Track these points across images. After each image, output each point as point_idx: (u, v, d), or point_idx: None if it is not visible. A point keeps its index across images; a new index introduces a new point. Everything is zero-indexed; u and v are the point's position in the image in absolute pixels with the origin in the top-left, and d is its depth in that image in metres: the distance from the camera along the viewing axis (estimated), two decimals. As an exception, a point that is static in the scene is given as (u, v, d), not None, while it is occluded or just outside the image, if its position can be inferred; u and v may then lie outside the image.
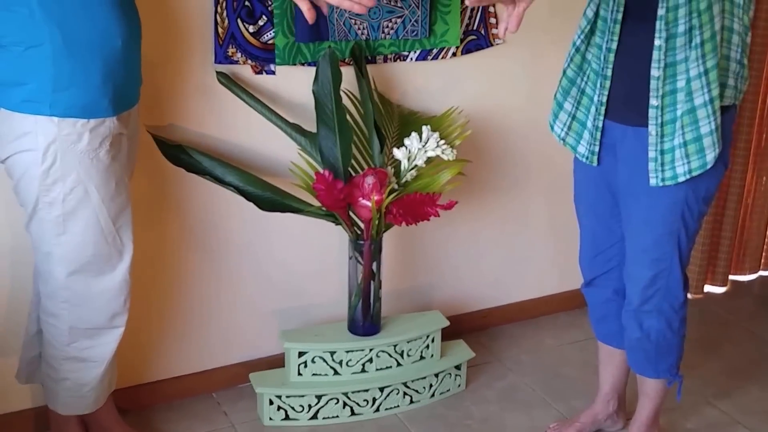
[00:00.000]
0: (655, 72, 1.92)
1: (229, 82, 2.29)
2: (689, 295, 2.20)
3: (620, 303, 2.22)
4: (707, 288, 3.26)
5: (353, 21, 2.37)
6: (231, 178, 2.27)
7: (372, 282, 2.42)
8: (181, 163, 2.25)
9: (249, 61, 2.31)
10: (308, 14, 1.87)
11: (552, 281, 3.02)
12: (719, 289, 3.30)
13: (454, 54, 2.58)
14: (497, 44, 2.64)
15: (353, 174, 2.34)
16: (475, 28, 2.59)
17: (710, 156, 1.94)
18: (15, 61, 1.76)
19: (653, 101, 1.94)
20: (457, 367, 2.60)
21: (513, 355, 2.83)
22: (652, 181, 1.98)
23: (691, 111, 1.92)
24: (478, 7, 2.55)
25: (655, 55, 1.91)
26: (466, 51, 2.60)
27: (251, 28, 2.27)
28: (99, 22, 1.79)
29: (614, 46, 1.98)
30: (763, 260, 3.42)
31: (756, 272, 3.42)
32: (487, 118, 2.70)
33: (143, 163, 2.17)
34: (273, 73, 2.35)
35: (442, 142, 2.33)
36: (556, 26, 2.59)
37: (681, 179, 1.96)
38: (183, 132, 2.30)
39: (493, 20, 2.61)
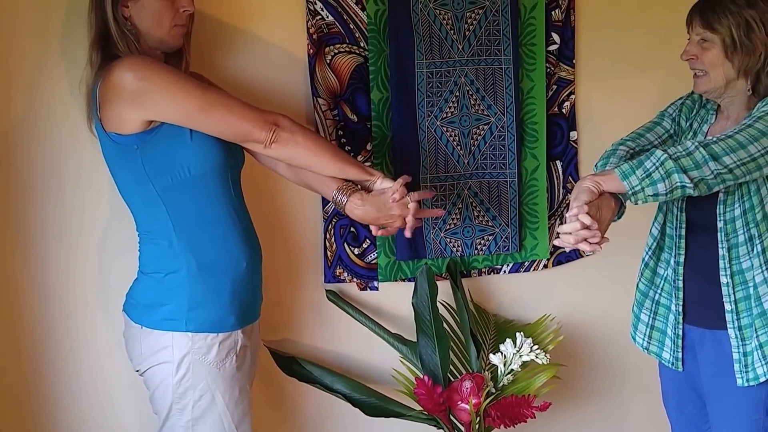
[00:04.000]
0: (723, 279, 2.06)
1: (337, 298, 2.55)
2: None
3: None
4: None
5: (448, 240, 2.63)
6: (339, 386, 2.47)
7: (476, 485, 2.51)
8: (293, 373, 2.48)
9: (355, 279, 2.58)
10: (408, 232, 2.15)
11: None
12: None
13: (545, 266, 2.78)
14: (587, 255, 2.82)
15: (452, 379, 2.51)
16: (563, 241, 2.80)
17: None
18: (156, 286, 2.03)
19: (727, 306, 2.06)
20: None
21: None
22: (739, 382, 2.07)
23: (761, 314, 2.03)
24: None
25: (721, 263, 2.06)
26: (557, 263, 2.80)
27: (356, 251, 2.56)
28: (227, 248, 2.05)
29: (682, 259, 2.14)
30: None
31: None
32: (580, 324, 2.84)
33: (259, 372, 2.39)
34: (376, 289, 2.61)
35: (536, 347, 2.48)
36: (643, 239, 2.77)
37: (762, 379, 2.04)
38: (296, 345, 2.55)
39: (580, 233, 2.81)
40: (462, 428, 2.48)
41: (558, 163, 2.74)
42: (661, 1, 2.70)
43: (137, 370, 2.10)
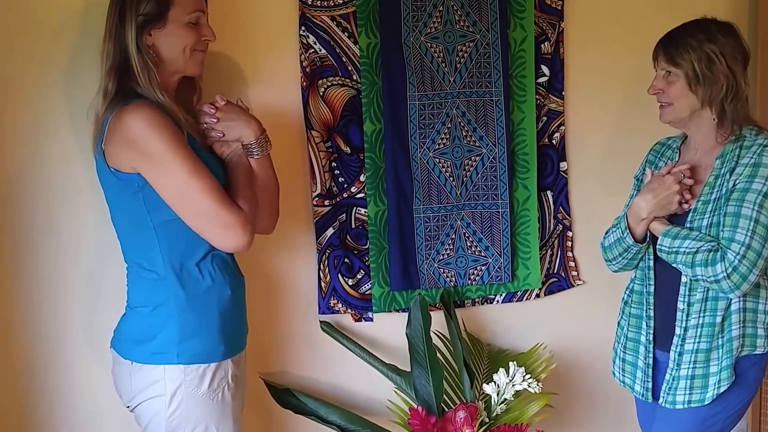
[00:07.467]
0: (680, 305, 2.13)
1: (332, 329, 2.56)
2: None
3: None
4: None
5: (442, 270, 2.64)
6: (334, 418, 2.47)
7: None
8: (288, 405, 2.48)
9: (349, 310, 2.59)
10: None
11: None
12: None
13: (537, 295, 2.80)
14: (578, 285, 2.85)
15: (446, 409, 2.51)
16: (555, 271, 2.82)
17: (710, 393, 2.10)
18: (145, 320, 2.01)
19: (677, 330, 2.14)
20: None
21: None
22: (660, 400, 2.17)
23: (706, 351, 2.10)
24: (558, 253, 2.81)
25: (682, 289, 2.13)
26: (549, 292, 2.82)
27: (350, 281, 2.58)
28: (213, 278, 2.04)
29: (652, 288, 2.21)
30: None
31: None
32: (572, 352, 2.86)
33: (255, 404, 2.40)
34: (371, 319, 2.62)
35: (528, 376, 2.49)
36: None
37: (678, 407, 2.13)
38: (290, 376, 2.55)
39: (572, 263, 2.84)
40: (456, 458, 2.49)
41: (549, 193, 2.77)
42: (650, 34, 2.72)
43: (128, 407, 2.09)
